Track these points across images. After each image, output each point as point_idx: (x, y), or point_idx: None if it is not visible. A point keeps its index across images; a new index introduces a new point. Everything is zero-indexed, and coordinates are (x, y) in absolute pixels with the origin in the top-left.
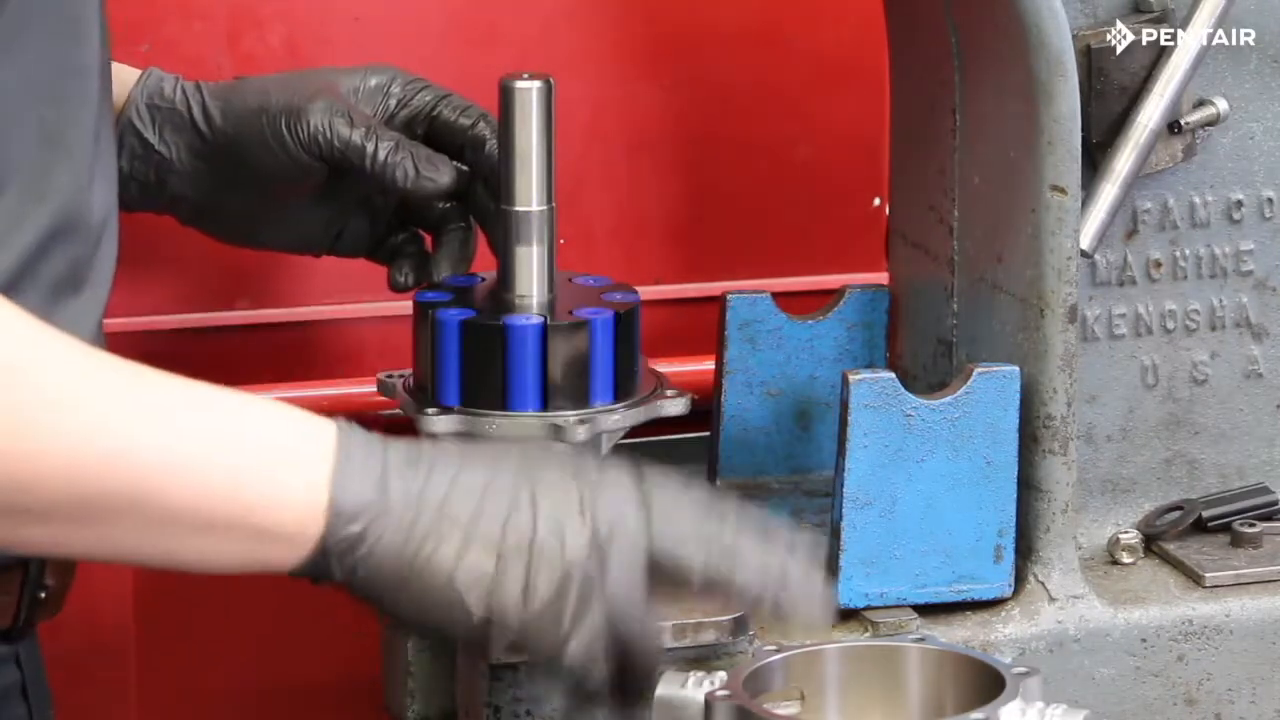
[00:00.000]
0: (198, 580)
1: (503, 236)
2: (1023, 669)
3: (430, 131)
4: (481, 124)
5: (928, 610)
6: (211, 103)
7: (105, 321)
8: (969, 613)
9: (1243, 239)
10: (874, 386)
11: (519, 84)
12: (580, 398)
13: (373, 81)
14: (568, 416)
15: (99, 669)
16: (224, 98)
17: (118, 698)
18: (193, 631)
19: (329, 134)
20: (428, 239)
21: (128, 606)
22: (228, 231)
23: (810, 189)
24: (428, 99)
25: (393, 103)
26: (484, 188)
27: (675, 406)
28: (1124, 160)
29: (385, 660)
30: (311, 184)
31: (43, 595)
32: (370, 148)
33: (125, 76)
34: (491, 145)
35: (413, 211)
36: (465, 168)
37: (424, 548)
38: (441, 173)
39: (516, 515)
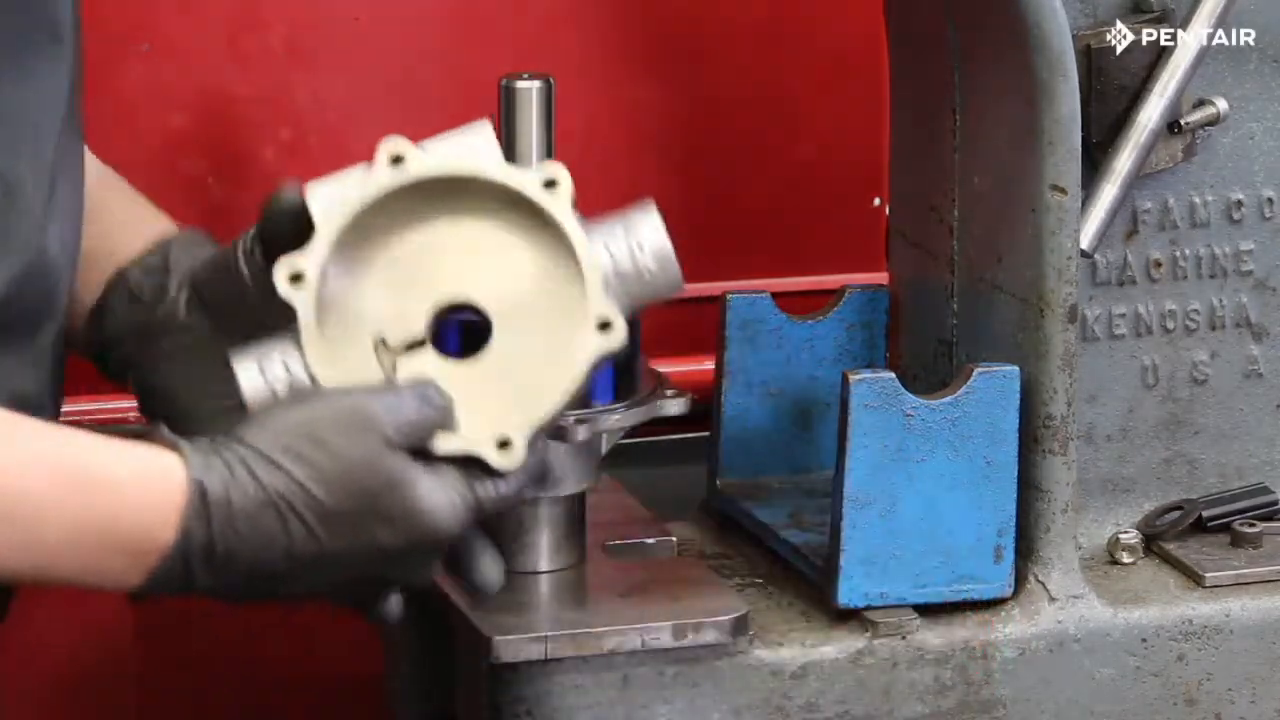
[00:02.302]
0: None
1: None
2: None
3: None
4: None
5: (928, 610)
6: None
7: None
8: (969, 613)
9: (1243, 239)
10: (874, 386)
11: (519, 84)
12: (580, 398)
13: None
14: (568, 416)
15: (99, 669)
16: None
17: (118, 697)
18: (192, 632)
19: None
20: None
21: (128, 606)
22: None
23: (810, 189)
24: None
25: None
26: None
27: (675, 406)
28: (1124, 160)
29: (385, 660)
30: None
31: None
32: None
33: (150, 228)
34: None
35: None
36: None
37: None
38: None
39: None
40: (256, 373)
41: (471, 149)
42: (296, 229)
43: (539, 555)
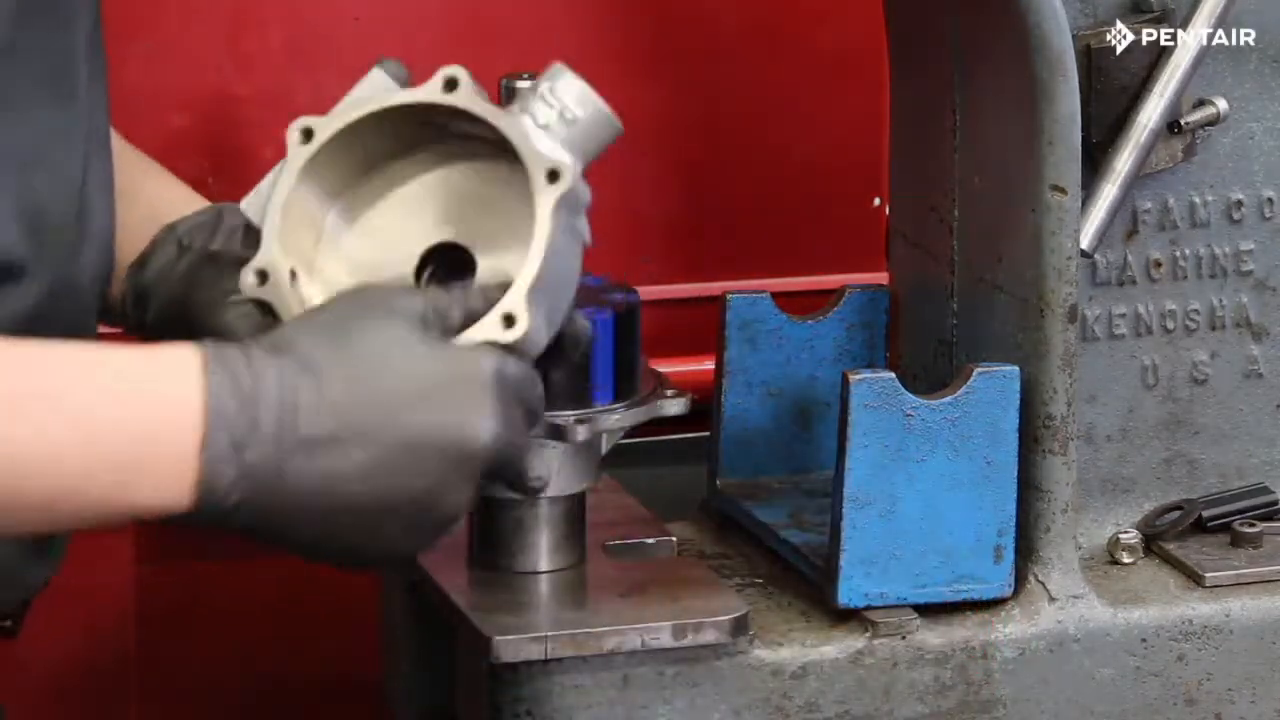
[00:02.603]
0: (198, 579)
1: None
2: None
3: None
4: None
5: (928, 610)
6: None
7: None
8: (969, 613)
9: (1243, 239)
10: (874, 386)
11: (519, 84)
12: (580, 398)
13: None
14: (568, 416)
15: (99, 669)
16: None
17: (118, 697)
18: (193, 631)
19: None
20: None
21: (128, 606)
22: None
23: (810, 189)
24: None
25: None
26: None
27: (675, 406)
28: (1124, 160)
29: (385, 660)
30: None
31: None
32: None
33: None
34: None
35: None
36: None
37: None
38: None
39: None
40: None
41: (371, 92)
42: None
43: (539, 555)
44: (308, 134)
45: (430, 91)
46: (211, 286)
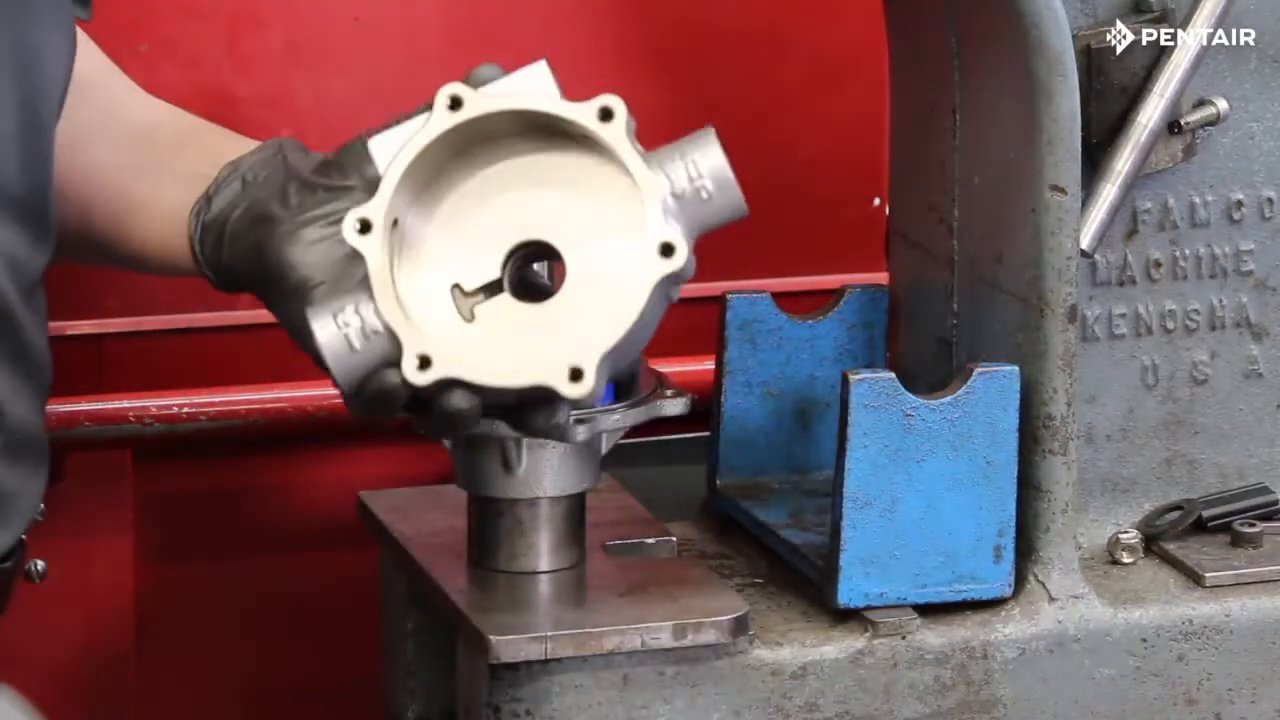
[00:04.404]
0: (198, 580)
1: None
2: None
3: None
4: None
5: (928, 610)
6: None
7: (109, 321)
8: (969, 612)
9: (1243, 239)
10: (874, 386)
11: None
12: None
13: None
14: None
15: (99, 669)
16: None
17: (118, 698)
18: (193, 631)
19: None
20: None
21: (128, 606)
22: None
23: (810, 189)
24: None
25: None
26: None
27: (675, 406)
28: (1124, 160)
29: (385, 660)
30: None
31: None
32: None
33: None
34: None
35: None
36: None
37: None
38: None
39: None
40: (330, 321)
41: (528, 87)
42: None
43: (539, 555)
44: (456, 103)
45: (584, 114)
46: (283, 217)
